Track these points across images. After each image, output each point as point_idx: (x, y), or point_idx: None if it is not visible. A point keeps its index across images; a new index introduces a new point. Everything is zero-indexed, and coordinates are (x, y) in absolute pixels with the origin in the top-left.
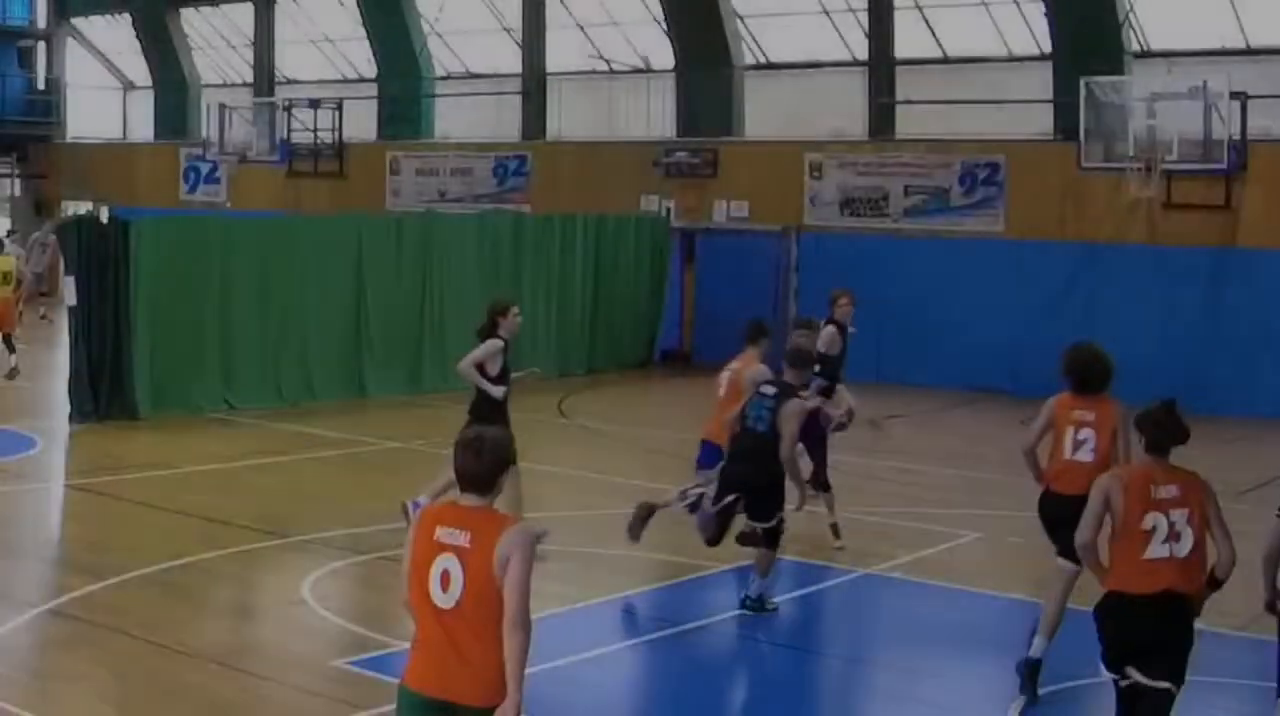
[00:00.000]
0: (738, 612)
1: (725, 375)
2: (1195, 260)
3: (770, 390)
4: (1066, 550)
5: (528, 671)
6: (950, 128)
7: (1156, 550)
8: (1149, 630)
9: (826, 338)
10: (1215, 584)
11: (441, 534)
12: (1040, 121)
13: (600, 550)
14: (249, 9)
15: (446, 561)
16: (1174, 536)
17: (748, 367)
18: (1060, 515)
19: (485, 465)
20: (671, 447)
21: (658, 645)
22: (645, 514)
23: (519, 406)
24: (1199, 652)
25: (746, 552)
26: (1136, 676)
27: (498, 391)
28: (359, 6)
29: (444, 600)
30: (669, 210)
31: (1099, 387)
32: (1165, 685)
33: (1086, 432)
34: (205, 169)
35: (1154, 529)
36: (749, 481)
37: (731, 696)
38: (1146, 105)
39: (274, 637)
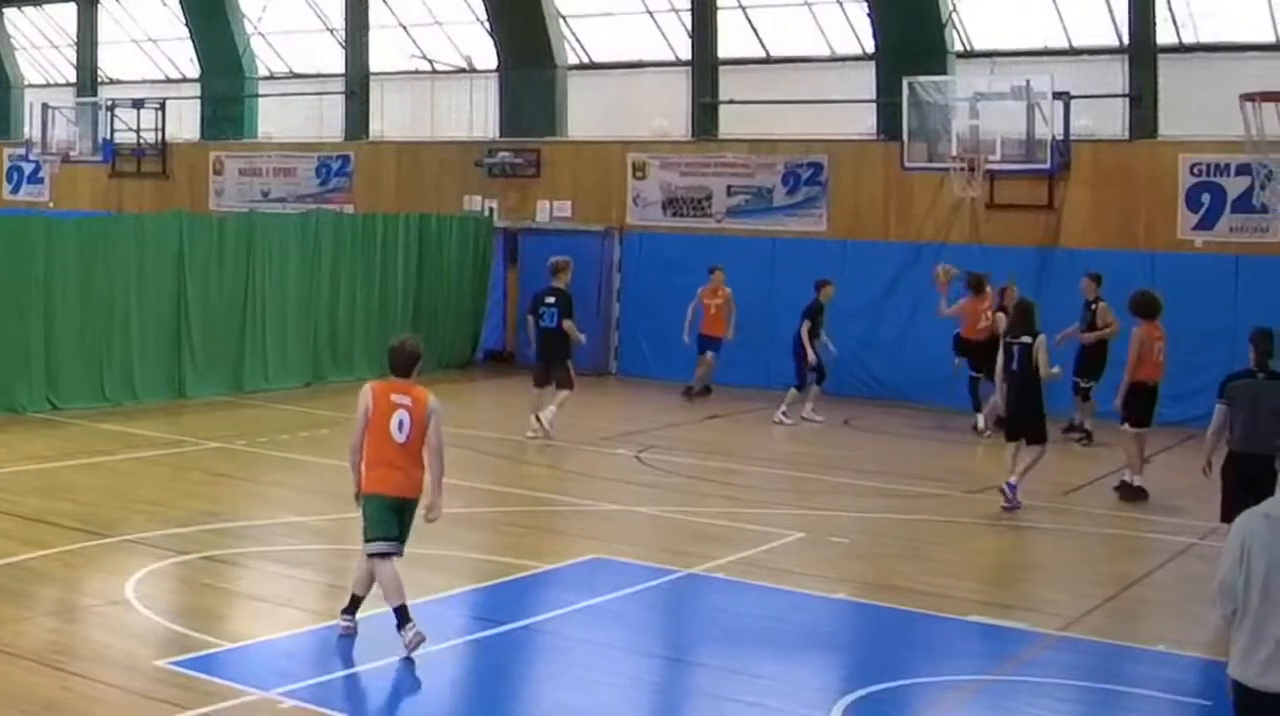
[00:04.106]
0: (560, 612)
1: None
2: (1018, 260)
3: None
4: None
5: (356, 671)
6: (773, 128)
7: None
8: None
9: None
10: None
11: (395, 398)
12: (863, 121)
13: (420, 550)
14: (72, 9)
15: (401, 415)
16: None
17: None
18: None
19: (408, 361)
20: (492, 446)
21: (480, 645)
22: None
23: (341, 406)
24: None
25: (570, 552)
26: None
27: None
28: (181, 6)
29: (399, 437)
30: (492, 210)
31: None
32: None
33: (1161, 345)
34: (28, 169)
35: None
36: None
37: (553, 696)
38: (969, 105)
39: (97, 637)
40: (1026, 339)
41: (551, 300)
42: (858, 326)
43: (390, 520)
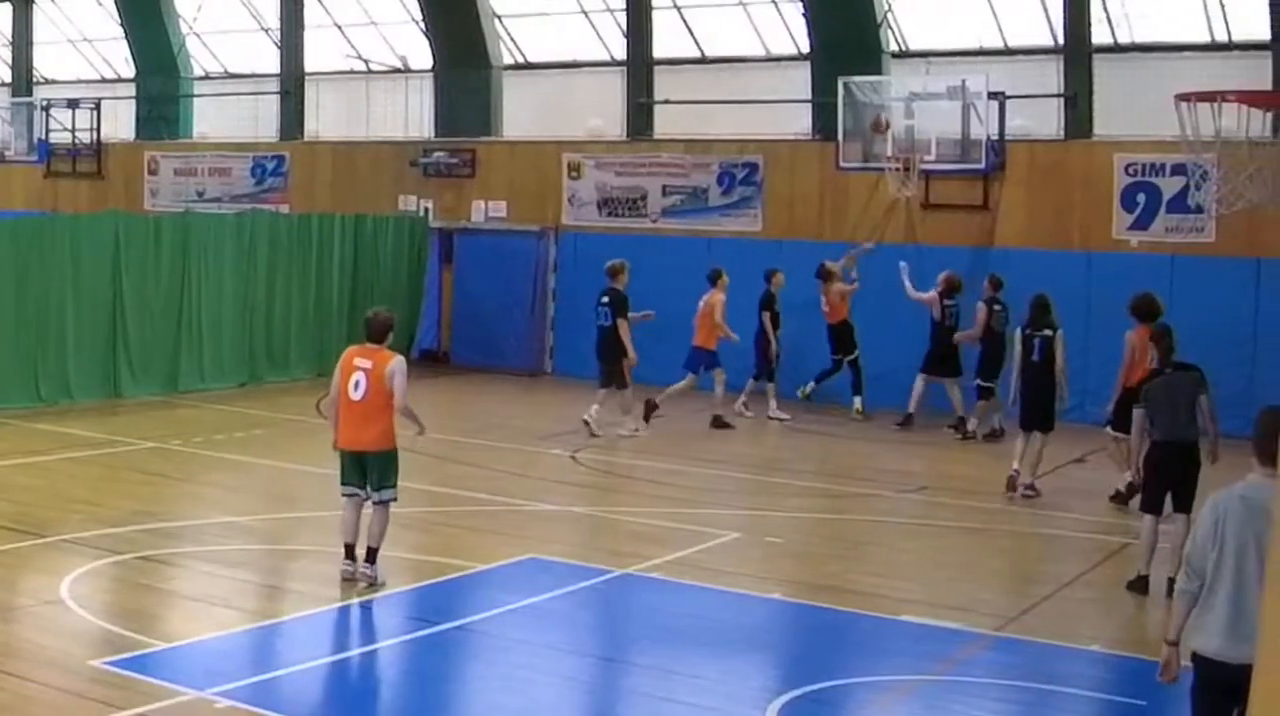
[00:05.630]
0: (495, 612)
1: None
2: (953, 259)
3: None
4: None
5: (291, 671)
6: (709, 128)
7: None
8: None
9: None
10: None
11: (358, 361)
12: (799, 122)
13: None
14: (7, 9)
15: (358, 376)
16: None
17: None
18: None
19: (379, 329)
20: (428, 446)
21: (415, 645)
22: None
23: (276, 406)
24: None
25: (505, 552)
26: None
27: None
28: (116, 6)
29: (355, 396)
30: (428, 210)
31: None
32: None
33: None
34: None
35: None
36: None
37: (487, 696)
38: (905, 105)
39: (32, 637)
40: (1047, 332)
41: (605, 300)
42: (793, 326)
43: (347, 470)
